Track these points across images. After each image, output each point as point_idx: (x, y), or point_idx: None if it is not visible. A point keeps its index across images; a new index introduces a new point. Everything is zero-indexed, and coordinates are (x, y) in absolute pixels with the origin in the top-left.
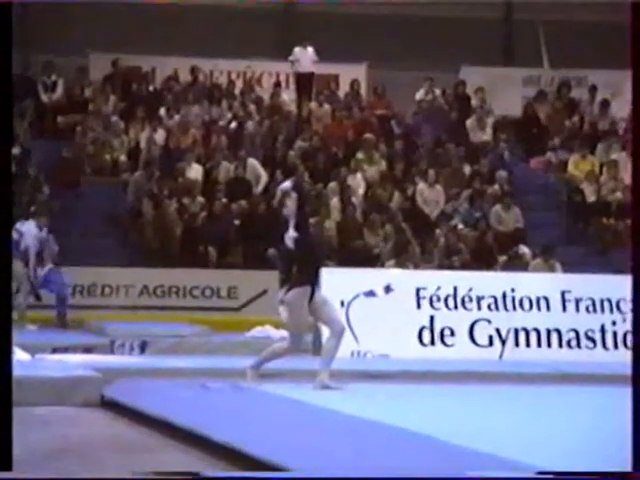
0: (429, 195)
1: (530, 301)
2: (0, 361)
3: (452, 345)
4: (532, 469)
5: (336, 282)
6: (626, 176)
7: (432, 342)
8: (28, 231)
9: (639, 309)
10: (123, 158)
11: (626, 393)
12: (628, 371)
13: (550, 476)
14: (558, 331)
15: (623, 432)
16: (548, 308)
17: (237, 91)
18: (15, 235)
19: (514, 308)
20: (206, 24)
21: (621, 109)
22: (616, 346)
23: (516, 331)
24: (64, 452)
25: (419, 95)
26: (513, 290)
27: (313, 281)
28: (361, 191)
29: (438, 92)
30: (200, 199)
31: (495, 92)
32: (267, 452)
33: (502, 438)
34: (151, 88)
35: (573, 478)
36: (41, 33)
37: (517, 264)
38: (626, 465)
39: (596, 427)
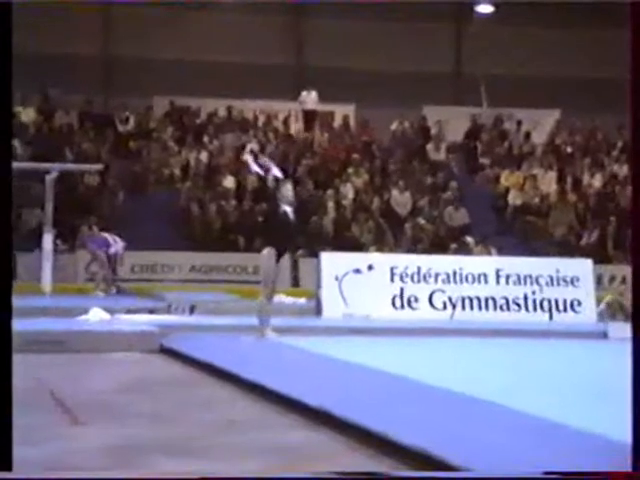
0: (400, 199)
1: (473, 276)
2: (0, 361)
3: (416, 309)
4: (471, 398)
5: (332, 263)
6: (542, 186)
7: (402, 306)
8: (119, 242)
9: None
10: (177, 172)
11: (542, 344)
12: (543, 327)
13: (556, 476)
14: (493, 298)
15: (539, 372)
16: (486, 282)
17: (260, 123)
18: (108, 237)
19: (462, 282)
20: (238, 75)
21: (539, 137)
22: (535, 310)
23: (463, 299)
24: (131, 383)
25: (393, 126)
26: (461, 268)
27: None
28: (350, 196)
29: (407, 124)
30: (233, 202)
31: (448, 124)
32: (281, 387)
33: (456, 376)
34: (198, 121)
35: (579, 478)
36: (118, 80)
37: (464, 250)
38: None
39: (520, 368)
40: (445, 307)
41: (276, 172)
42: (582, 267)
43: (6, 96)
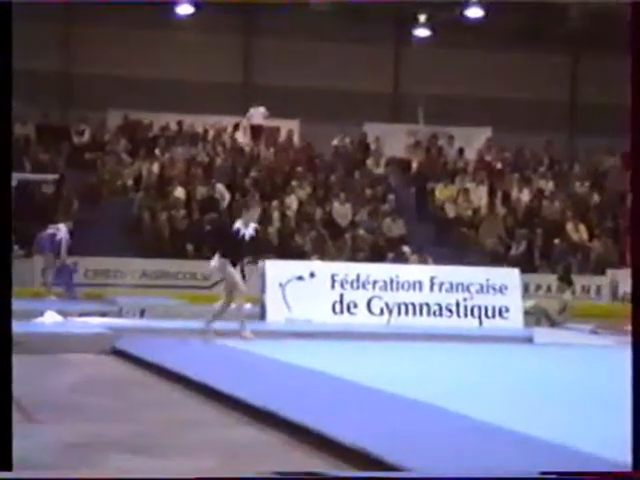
0: (341, 211)
1: (409, 284)
2: (0, 362)
3: (355, 314)
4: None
5: (276, 270)
6: (474, 199)
7: (342, 312)
8: (62, 229)
9: (638, 317)
10: (130, 183)
11: (472, 348)
12: (473, 333)
13: (553, 476)
14: (428, 305)
15: (471, 375)
16: (421, 289)
17: (209, 137)
18: (52, 230)
19: (398, 289)
20: (190, 91)
21: (471, 154)
22: (466, 316)
23: (399, 305)
24: (85, 383)
25: (335, 142)
26: (397, 276)
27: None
28: (294, 207)
29: (348, 140)
30: (183, 211)
31: (386, 140)
32: (228, 387)
33: (392, 378)
34: (150, 134)
35: (576, 478)
36: (75, 95)
37: (401, 259)
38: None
39: (453, 371)
40: (382, 313)
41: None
42: (510, 276)
43: (6, 96)
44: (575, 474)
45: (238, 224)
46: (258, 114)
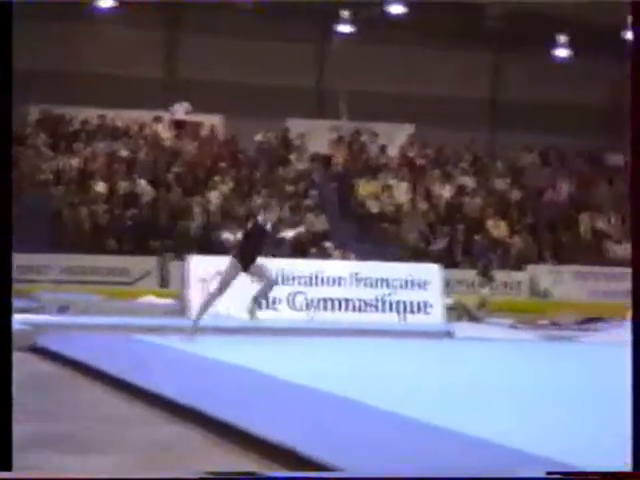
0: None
1: (331, 279)
2: (0, 362)
3: (278, 310)
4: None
5: (198, 265)
6: (397, 195)
7: (267, 307)
8: None
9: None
10: (51, 177)
11: (395, 343)
12: (396, 328)
13: (558, 476)
14: (350, 300)
15: (394, 370)
16: (343, 284)
17: (132, 132)
18: None
19: (321, 284)
20: (112, 86)
21: (393, 150)
22: (389, 311)
23: (321, 300)
24: None
25: (258, 137)
26: (320, 272)
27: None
28: (217, 203)
29: (271, 136)
30: (104, 206)
31: (310, 136)
32: (151, 384)
33: (319, 374)
34: (71, 129)
35: (581, 478)
36: None
37: (323, 254)
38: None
39: (377, 366)
40: (304, 308)
41: None
42: (431, 272)
43: (7, 96)
44: (580, 474)
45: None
46: (181, 109)
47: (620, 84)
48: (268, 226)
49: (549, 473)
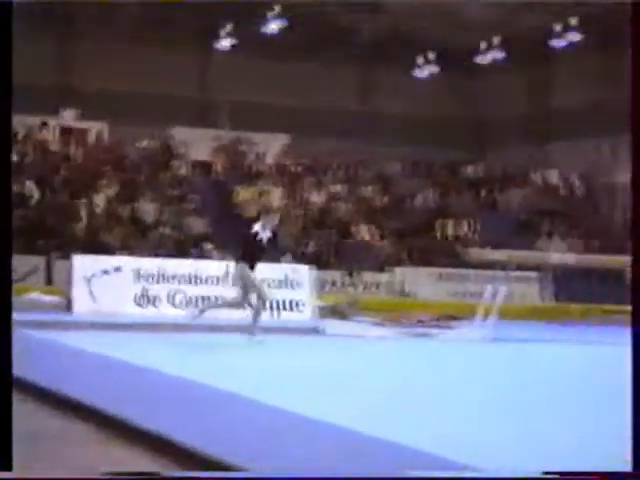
0: (146, 209)
1: (210, 279)
2: (0, 362)
3: (158, 307)
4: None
5: (82, 264)
6: (273, 201)
7: (147, 305)
8: None
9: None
10: None
11: (270, 339)
12: (271, 325)
13: (555, 476)
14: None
15: (276, 366)
16: (221, 283)
17: (20, 137)
18: None
19: (199, 283)
20: None
21: (270, 158)
22: (272, 309)
23: (200, 298)
24: None
25: (144, 144)
26: (198, 271)
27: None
28: (102, 205)
29: (154, 142)
30: None
31: (193, 144)
32: (36, 378)
33: (203, 370)
34: None
35: (578, 478)
36: None
37: (203, 255)
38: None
39: (248, 358)
40: (183, 305)
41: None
42: (304, 272)
43: (7, 97)
44: (577, 474)
45: (257, 227)
46: (68, 115)
47: (476, 100)
48: (268, 232)
49: (546, 473)
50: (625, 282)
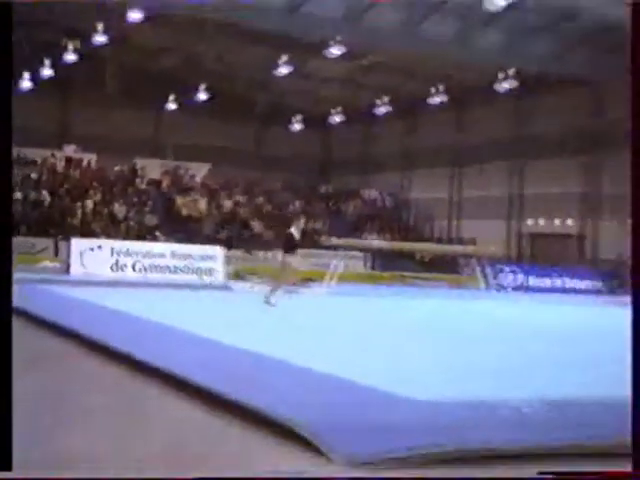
0: (118, 209)
1: (158, 254)
2: (0, 362)
3: (125, 271)
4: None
5: (77, 244)
6: (199, 206)
7: (117, 270)
8: None
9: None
10: None
11: (193, 294)
12: (194, 283)
13: (551, 476)
14: (169, 267)
15: (192, 310)
16: (166, 257)
17: (38, 163)
18: None
19: (152, 257)
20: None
21: (198, 179)
22: (189, 273)
23: (153, 266)
24: None
25: (116, 168)
26: (152, 249)
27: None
28: (90, 207)
29: (124, 168)
30: (19, 208)
31: (149, 169)
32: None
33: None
34: None
35: (574, 478)
36: None
37: (154, 239)
38: None
39: (183, 307)
40: (143, 271)
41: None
42: (218, 251)
43: (7, 96)
44: (573, 474)
45: (292, 230)
46: (69, 149)
47: (330, 147)
48: (297, 233)
49: (541, 473)
50: (415, 257)
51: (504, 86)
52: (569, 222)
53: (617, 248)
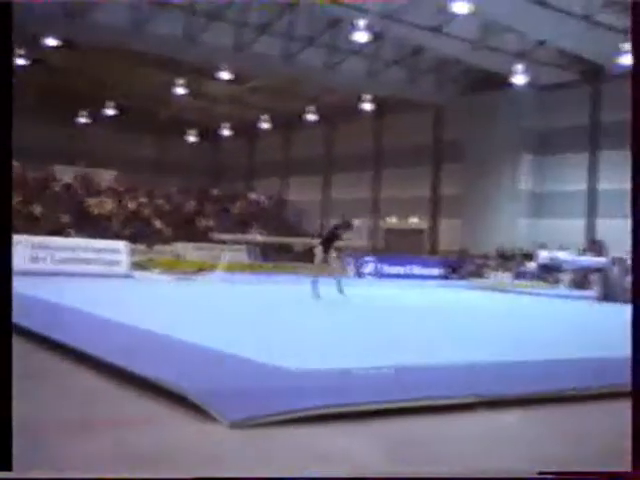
0: (37, 210)
1: (70, 248)
2: (0, 362)
3: (42, 263)
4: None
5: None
6: (107, 206)
7: (36, 262)
8: None
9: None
10: None
11: (102, 282)
12: (102, 272)
13: (551, 476)
14: (81, 259)
15: (106, 294)
16: (77, 250)
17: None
18: None
19: (64, 250)
20: None
21: (105, 184)
22: (98, 264)
23: (66, 259)
24: None
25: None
26: (64, 243)
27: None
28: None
29: (42, 173)
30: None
31: (64, 174)
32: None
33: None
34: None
35: (573, 478)
36: None
37: (68, 235)
38: None
39: (98, 293)
40: (55, 262)
41: None
42: (122, 245)
43: (7, 93)
44: (573, 474)
45: (337, 229)
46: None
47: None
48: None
49: (541, 473)
50: (293, 250)
51: (366, 107)
52: (416, 220)
53: (454, 241)
